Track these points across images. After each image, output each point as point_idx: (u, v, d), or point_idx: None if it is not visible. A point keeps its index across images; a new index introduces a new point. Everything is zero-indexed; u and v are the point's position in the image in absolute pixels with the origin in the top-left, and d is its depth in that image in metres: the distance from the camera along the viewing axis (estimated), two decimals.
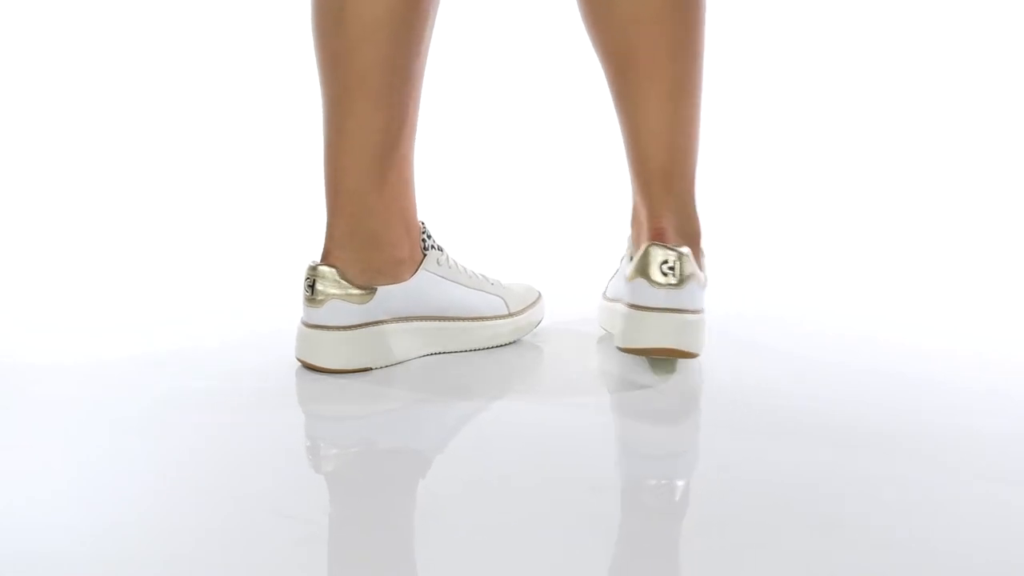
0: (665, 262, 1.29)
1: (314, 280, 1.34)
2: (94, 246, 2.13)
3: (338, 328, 1.34)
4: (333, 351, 1.33)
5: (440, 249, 1.43)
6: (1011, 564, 0.89)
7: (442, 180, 2.41)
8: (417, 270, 1.40)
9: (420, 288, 1.40)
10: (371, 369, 1.35)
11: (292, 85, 2.81)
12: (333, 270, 1.34)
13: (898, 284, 1.90)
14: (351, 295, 1.34)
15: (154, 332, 1.54)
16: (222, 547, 0.90)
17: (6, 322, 1.60)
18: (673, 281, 1.29)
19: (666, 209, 1.36)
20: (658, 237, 1.34)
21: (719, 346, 1.39)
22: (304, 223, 2.30)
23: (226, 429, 1.18)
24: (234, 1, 2.84)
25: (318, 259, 1.36)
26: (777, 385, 1.31)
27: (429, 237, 1.43)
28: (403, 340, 1.38)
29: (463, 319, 1.43)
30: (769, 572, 0.87)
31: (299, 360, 1.35)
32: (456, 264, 1.45)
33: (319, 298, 1.33)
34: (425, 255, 1.41)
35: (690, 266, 1.30)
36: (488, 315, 1.45)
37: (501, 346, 1.46)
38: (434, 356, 1.41)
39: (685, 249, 1.30)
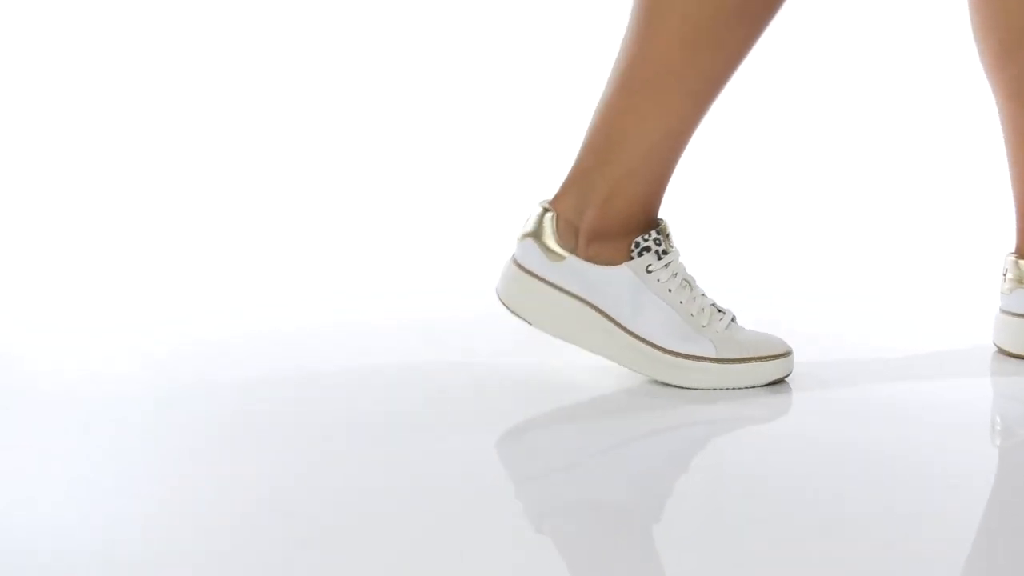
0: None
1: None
2: (94, 245, 2.13)
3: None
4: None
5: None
6: (1011, 564, 0.89)
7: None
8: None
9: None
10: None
11: (292, 85, 2.81)
12: None
13: (892, 285, 1.90)
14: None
15: (154, 332, 1.54)
16: (222, 547, 0.90)
17: (6, 322, 1.60)
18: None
19: None
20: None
21: None
22: (304, 223, 2.31)
23: (227, 429, 1.18)
24: (234, 1, 2.84)
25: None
26: (775, 387, 1.31)
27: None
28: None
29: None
30: (769, 572, 0.87)
31: None
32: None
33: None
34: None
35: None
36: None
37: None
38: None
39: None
